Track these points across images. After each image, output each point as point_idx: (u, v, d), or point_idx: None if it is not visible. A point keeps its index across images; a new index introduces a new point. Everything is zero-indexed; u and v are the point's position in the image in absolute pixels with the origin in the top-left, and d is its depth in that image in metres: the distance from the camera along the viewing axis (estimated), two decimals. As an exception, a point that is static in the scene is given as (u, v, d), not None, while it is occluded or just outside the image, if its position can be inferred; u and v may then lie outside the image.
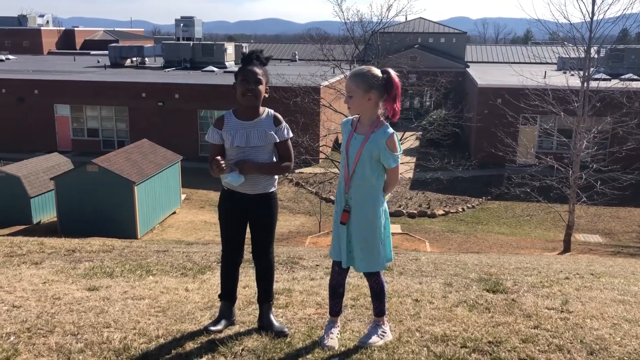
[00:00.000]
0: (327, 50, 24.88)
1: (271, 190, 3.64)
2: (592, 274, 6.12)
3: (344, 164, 3.42)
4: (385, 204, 3.49)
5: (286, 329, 3.61)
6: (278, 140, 3.58)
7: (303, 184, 27.51)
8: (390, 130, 3.34)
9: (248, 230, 3.72)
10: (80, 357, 3.31)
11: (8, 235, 17.01)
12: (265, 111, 3.61)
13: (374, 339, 3.44)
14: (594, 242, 21.18)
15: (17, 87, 33.17)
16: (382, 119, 3.36)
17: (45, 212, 21.11)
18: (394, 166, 3.37)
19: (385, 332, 3.53)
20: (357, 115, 3.44)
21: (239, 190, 3.55)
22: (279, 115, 3.64)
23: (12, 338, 3.58)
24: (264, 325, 3.65)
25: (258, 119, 3.57)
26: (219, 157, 3.42)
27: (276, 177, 3.70)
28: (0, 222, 19.87)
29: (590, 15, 18.44)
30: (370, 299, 3.67)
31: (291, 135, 3.66)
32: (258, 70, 3.52)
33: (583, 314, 4.13)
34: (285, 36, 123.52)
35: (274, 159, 3.63)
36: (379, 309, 3.53)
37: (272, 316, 3.71)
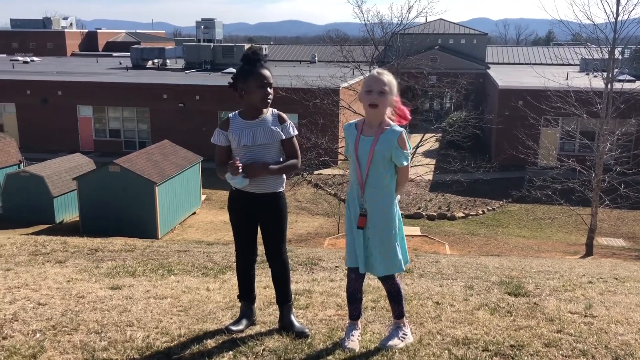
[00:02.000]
0: (347, 52, 24.84)
1: (279, 190, 3.65)
2: (616, 278, 6.03)
3: (354, 168, 3.40)
4: (397, 205, 3.48)
5: (307, 330, 3.62)
6: (284, 137, 3.60)
7: (322, 185, 27.51)
8: (399, 128, 3.37)
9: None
10: (104, 355, 3.36)
11: (32, 234, 17.30)
12: (269, 110, 3.64)
13: (395, 341, 3.43)
14: (617, 246, 20.84)
15: (41, 89, 33.72)
16: (387, 119, 3.38)
17: (67, 212, 21.42)
18: (405, 164, 3.39)
19: (406, 334, 3.52)
20: (359, 119, 3.48)
21: (248, 190, 3.56)
22: (283, 114, 3.67)
23: (38, 335, 3.65)
24: (285, 325, 3.66)
25: (262, 117, 3.59)
26: (236, 159, 3.44)
27: (284, 176, 3.70)
28: (24, 221, 20.22)
29: (615, 16, 18.17)
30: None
31: (296, 132, 3.68)
32: (269, 73, 3.54)
33: (607, 319, 4.07)
34: (304, 38, 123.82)
35: (281, 158, 3.65)
36: (398, 312, 3.52)
37: (292, 317, 3.72)
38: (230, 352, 3.37)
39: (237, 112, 3.66)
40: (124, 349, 3.43)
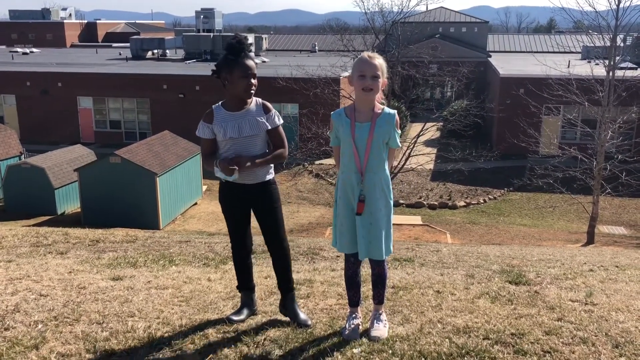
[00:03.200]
0: (347, 41, 24.75)
1: (269, 178, 3.64)
2: (617, 266, 6.03)
3: (351, 156, 3.37)
4: None
5: (309, 321, 3.62)
6: (270, 128, 3.57)
7: (323, 175, 27.51)
8: (392, 110, 3.40)
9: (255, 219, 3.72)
10: (106, 346, 3.37)
11: (34, 225, 17.34)
12: (253, 100, 3.60)
13: (381, 330, 3.45)
14: (618, 234, 20.86)
15: (41, 80, 33.65)
16: (376, 102, 3.38)
17: (69, 203, 21.45)
18: (400, 146, 3.42)
19: (386, 320, 3.56)
20: (345, 106, 3.46)
21: (238, 182, 3.55)
22: (268, 103, 3.63)
23: (40, 326, 3.66)
24: (289, 314, 3.66)
25: (247, 108, 3.56)
26: (232, 165, 3.41)
27: (272, 165, 3.69)
28: (25, 213, 20.26)
29: (617, 3, 18.07)
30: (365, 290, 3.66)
31: (282, 122, 3.65)
32: (252, 63, 3.51)
33: (608, 307, 4.07)
34: (304, 27, 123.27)
35: (267, 148, 3.63)
36: (382, 296, 3.55)
37: (296, 307, 3.72)
38: (232, 342, 3.38)
39: (220, 103, 3.62)
40: (125, 339, 3.44)
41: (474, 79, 33.82)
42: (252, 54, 3.59)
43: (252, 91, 3.52)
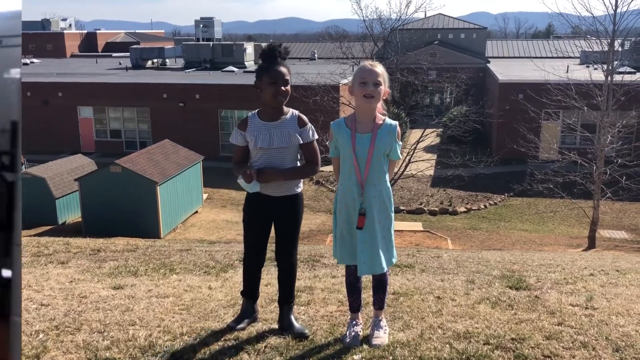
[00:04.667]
0: (346, 48, 24.87)
1: (297, 192, 3.60)
2: (618, 271, 6.03)
3: (351, 168, 3.35)
4: None
5: (307, 331, 3.58)
6: (302, 142, 3.53)
7: (323, 182, 27.53)
8: (393, 121, 3.38)
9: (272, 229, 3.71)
10: (107, 354, 3.37)
11: (35, 235, 17.33)
12: (289, 112, 3.56)
13: (382, 337, 3.43)
14: (619, 239, 20.84)
15: (41, 90, 33.73)
16: (377, 113, 3.36)
17: (70, 213, 21.46)
18: (400, 157, 3.43)
19: (386, 326, 3.55)
20: (345, 116, 3.44)
21: (264, 192, 3.52)
22: (304, 117, 3.57)
23: (41, 336, 3.66)
24: (285, 326, 3.64)
25: (282, 120, 3.51)
26: (251, 171, 3.39)
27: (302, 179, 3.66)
28: (26, 223, 20.23)
29: (614, 8, 18.15)
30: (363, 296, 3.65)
31: (316, 137, 3.60)
32: (284, 69, 3.48)
33: (608, 311, 4.07)
34: (304, 35, 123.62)
35: (298, 162, 3.59)
36: (382, 302, 3.54)
37: (292, 317, 3.69)
38: (233, 350, 3.38)
39: (256, 111, 3.59)
40: (126, 348, 3.45)
41: (473, 84, 33.92)
42: (285, 62, 3.52)
43: (282, 98, 3.47)
